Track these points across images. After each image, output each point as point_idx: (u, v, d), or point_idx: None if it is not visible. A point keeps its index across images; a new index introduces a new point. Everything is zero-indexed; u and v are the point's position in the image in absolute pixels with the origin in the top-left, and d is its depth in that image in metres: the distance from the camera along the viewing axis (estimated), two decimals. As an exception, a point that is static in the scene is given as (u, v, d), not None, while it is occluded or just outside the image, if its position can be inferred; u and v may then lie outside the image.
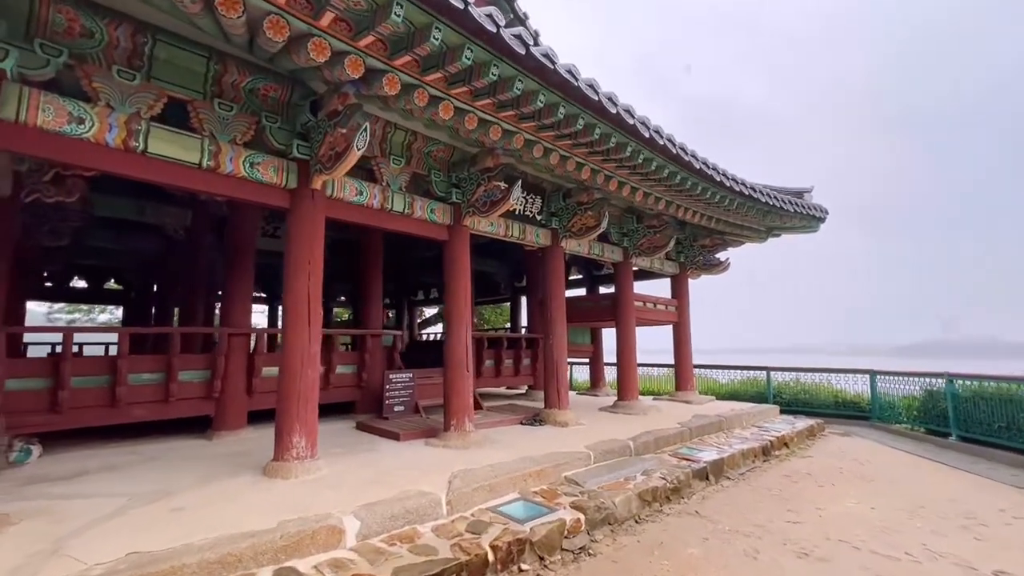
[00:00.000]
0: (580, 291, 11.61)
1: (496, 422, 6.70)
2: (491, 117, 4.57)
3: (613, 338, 8.68)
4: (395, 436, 5.70)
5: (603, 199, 6.89)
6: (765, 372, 11.33)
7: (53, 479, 4.02)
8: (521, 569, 3.31)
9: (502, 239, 6.58)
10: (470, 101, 4.30)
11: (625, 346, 8.36)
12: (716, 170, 6.72)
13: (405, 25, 3.41)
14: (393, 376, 6.88)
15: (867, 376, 9.89)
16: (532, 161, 5.60)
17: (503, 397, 9.99)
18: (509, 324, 14.24)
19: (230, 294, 6.18)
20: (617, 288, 8.62)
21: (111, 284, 12.83)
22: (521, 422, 6.87)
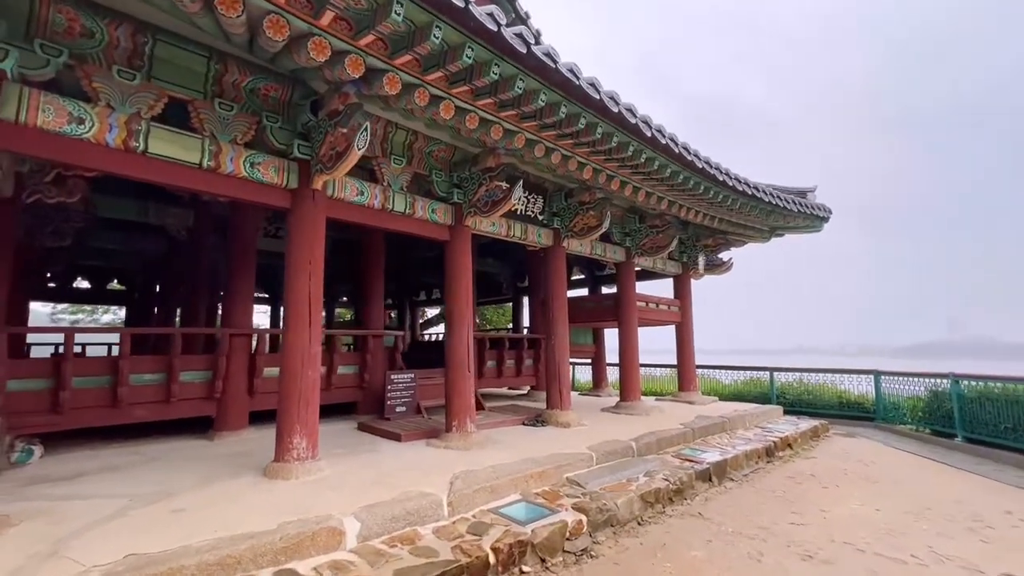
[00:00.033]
0: (582, 291, 11.58)
1: (498, 423, 6.68)
2: (492, 116, 4.56)
3: (615, 338, 8.65)
4: (396, 437, 5.68)
5: (605, 199, 6.86)
6: (768, 373, 11.28)
7: (54, 480, 4.02)
8: (522, 571, 3.28)
9: (504, 239, 6.55)
10: (471, 100, 4.29)
11: (627, 346, 8.33)
12: (719, 169, 6.68)
13: (405, 24, 3.39)
14: (395, 377, 6.87)
15: (871, 377, 9.83)
16: (534, 161, 5.58)
17: (505, 398, 9.96)
18: (511, 324, 14.22)
19: (232, 294, 6.20)
20: (619, 288, 8.60)
21: (114, 285, 12.86)
22: (523, 423, 6.85)
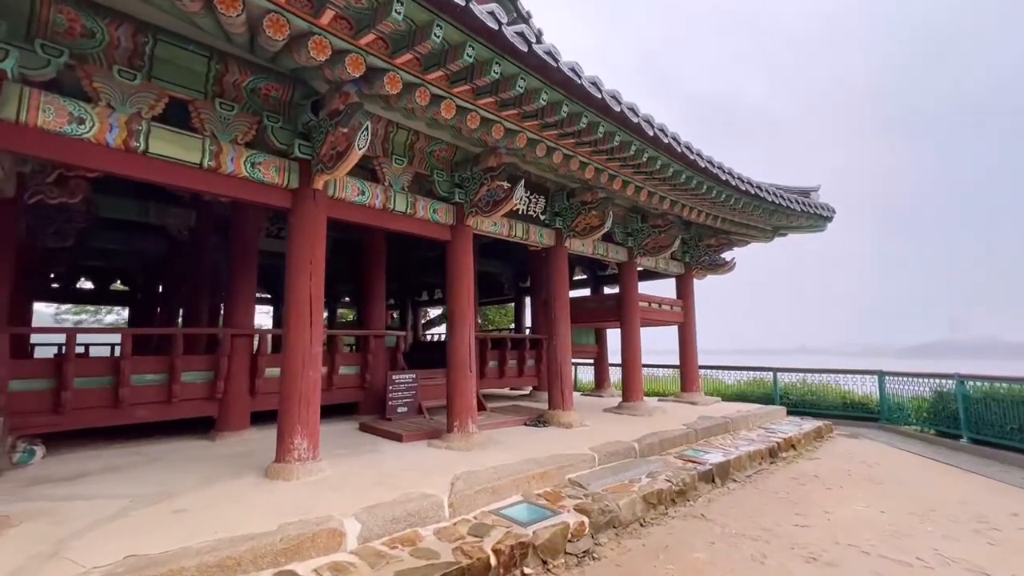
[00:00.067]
0: (584, 291, 11.56)
1: (499, 423, 6.67)
2: (493, 116, 4.54)
3: (618, 339, 8.63)
4: (398, 437, 5.67)
5: (607, 198, 6.83)
6: (771, 373, 11.22)
7: (56, 480, 4.02)
8: (524, 573, 3.26)
9: (505, 239, 6.53)
10: (472, 99, 4.27)
11: (630, 347, 8.30)
12: (721, 169, 6.65)
13: (406, 23, 3.38)
14: (396, 377, 6.85)
15: (875, 377, 9.77)
16: (535, 160, 5.56)
17: (507, 398, 9.95)
18: (513, 325, 14.20)
19: (233, 295, 6.19)
20: (622, 288, 8.57)
21: (117, 285, 12.87)
22: (525, 423, 6.83)
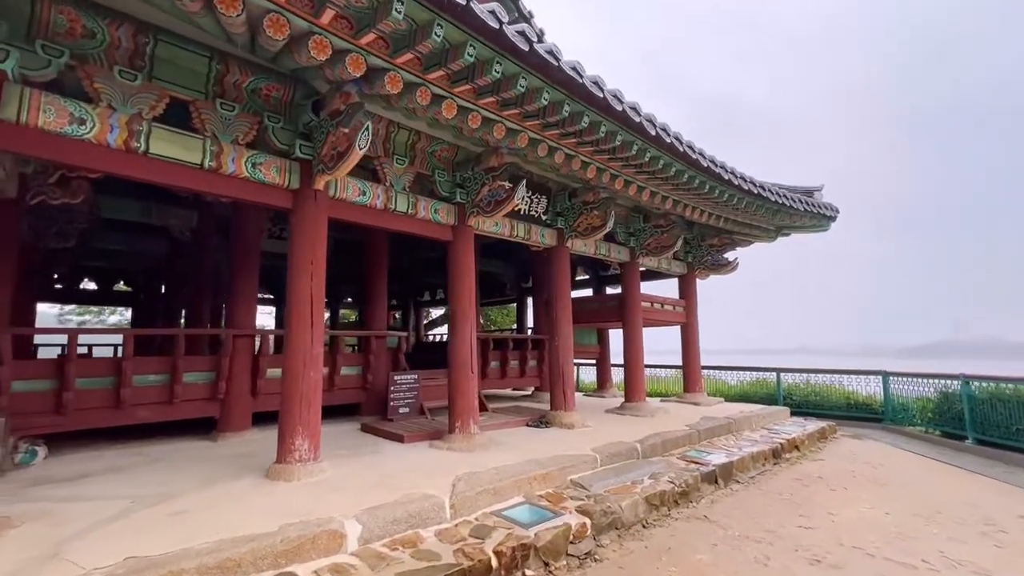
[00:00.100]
0: (587, 291, 11.53)
1: (501, 424, 6.65)
2: (495, 115, 4.52)
3: (620, 339, 8.60)
4: (399, 438, 5.66)
5: (609, 198, 6.81)
6: (775, 373, 11.18)
7: (57, 481, 4.01)
8: (525, 575, 3.25)
9: (507, 239, 6.51)
10: (473, 99, 4.25)
11: (632, 347, 8.26)
12: (724, 168, 6.62)
13: (406, 22, 3.37)
14: (398, 377, 6.84)
15: (879, 377, 9.73)
16: (537, 160, 5.54)
17: (509, 399, 9.93)
18: (515, 325, 14.18)
19: (235, 295, 6.19)
20: (624, 288, 8.54)
21: (120, 286, 12.91)
22: (527, 424, 6.81)
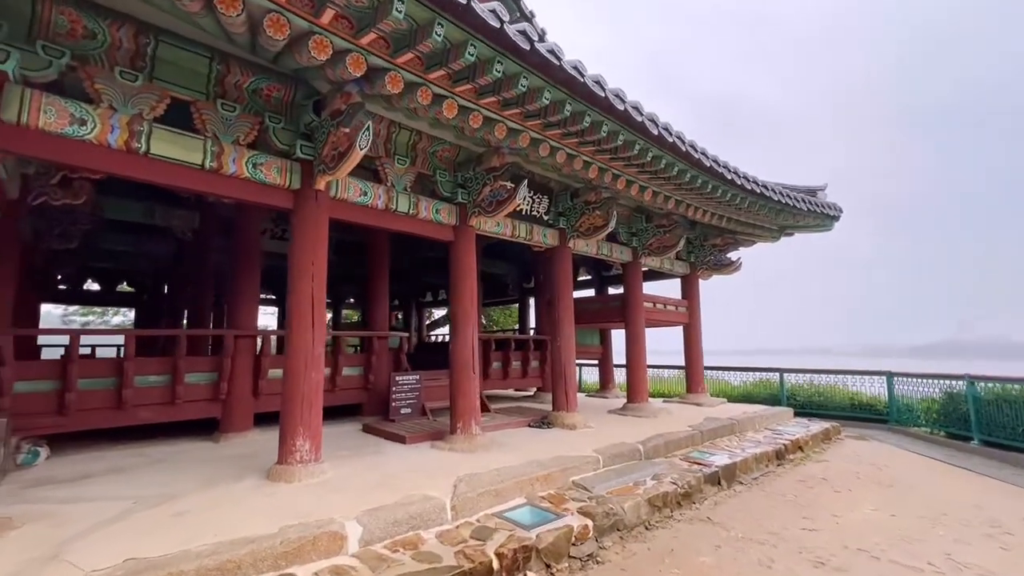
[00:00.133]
0: (589, 292, 11.50)
1: (503, 425, 6.63)
2: (496, 115, 4.51)
3: (622, 339, 8.57)
4: (401, 439, 5.64)
5: (611, 198, 6.79)
6: (778, 374, 11.13)
7: (59, 481, 4.01)
8: (527, 577, 3.23)
9: (509, 239, 6.50)
10: (474, 99, 4.24)
11: (634, 347, 8.24)
12: (727, 168, 6.58)
13: (407, 22, 3.36)
14: (400, 378, 6.83)
15: (884, 378, 9.67)
16: (538, 160, 5.52)
17: (511, 399, 9.91)
18: (517, 325, 14.16)
19: (236, 296, 6.19)
20: (626, 289, 8.51)
21: (123, 287, 12.95)
22: (529, 425, 6.79)
